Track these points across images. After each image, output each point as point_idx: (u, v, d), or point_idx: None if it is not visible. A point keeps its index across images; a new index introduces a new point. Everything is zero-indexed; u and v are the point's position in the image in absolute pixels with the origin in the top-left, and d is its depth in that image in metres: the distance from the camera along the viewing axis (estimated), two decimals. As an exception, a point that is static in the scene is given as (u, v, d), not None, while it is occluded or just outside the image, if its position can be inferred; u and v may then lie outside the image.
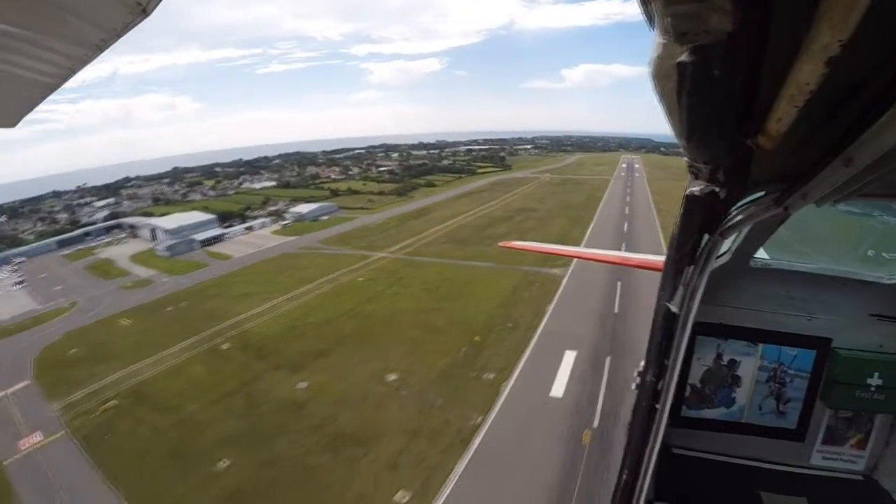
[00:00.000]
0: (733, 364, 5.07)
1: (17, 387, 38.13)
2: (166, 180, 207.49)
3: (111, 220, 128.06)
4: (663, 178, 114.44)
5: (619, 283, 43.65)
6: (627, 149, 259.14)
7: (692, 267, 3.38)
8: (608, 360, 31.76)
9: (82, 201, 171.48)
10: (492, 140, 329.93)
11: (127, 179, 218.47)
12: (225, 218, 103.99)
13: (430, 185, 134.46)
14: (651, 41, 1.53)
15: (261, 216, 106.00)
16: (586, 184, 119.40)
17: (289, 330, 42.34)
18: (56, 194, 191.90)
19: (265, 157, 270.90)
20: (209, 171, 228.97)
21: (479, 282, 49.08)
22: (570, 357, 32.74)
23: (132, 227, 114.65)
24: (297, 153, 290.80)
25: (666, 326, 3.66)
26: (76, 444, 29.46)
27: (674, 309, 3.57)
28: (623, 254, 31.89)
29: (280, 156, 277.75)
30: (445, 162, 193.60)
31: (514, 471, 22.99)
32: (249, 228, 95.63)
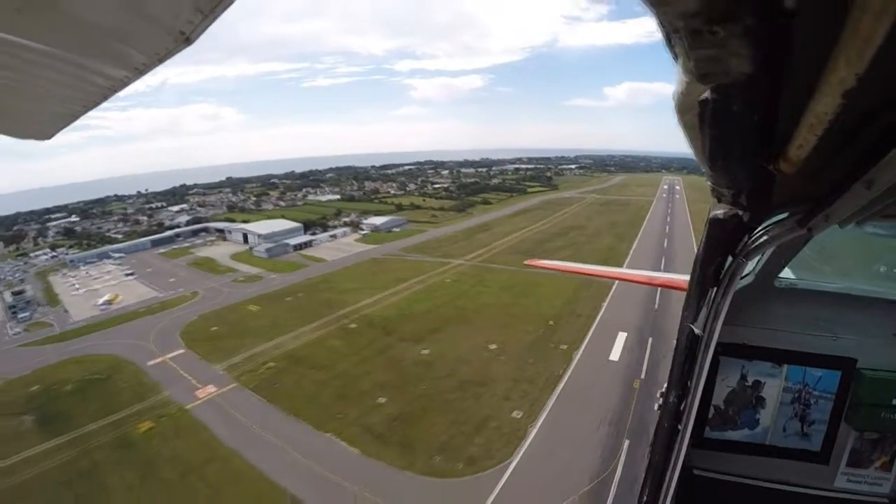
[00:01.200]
0: (757, 385, 4.96)
1: (175, 353, 50.49)
2: (227, 189, 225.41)
3: (194, 224, 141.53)
4: (702, 200, 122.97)
5: (658, 287, 54.67)
6: (669, 169, 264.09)
7: (716, 288, 3.43)
8: (650, 339, 42.98)
9: (155, 205, 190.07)
10: (536, 159, 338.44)
11: (185, 186, 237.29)
12: (307, 226, 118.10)
13: (486, 202, 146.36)
14: (676, 76, 1.65)
15: (338, 226, 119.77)
16: (630, 204, 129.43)
17: (401, 315, 54.71)
18: (119, 198, 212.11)
19: (317, 171, 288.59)
20: (266, 182, 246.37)
21: (546, 284, 60.27)
22: (622, 336, 44.15)
23: (219, 230, 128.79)
24: (349, 167, 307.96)
25: (689, 347, 3.75)
26: (249, 392, 41.38)
27: (697, 330, 3.65)
28: (650, 273, 32.67)
29: (331, 169, 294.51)
30: (495, 181, 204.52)
31: (589, 402, 34.55)
32: (333, 236, 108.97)
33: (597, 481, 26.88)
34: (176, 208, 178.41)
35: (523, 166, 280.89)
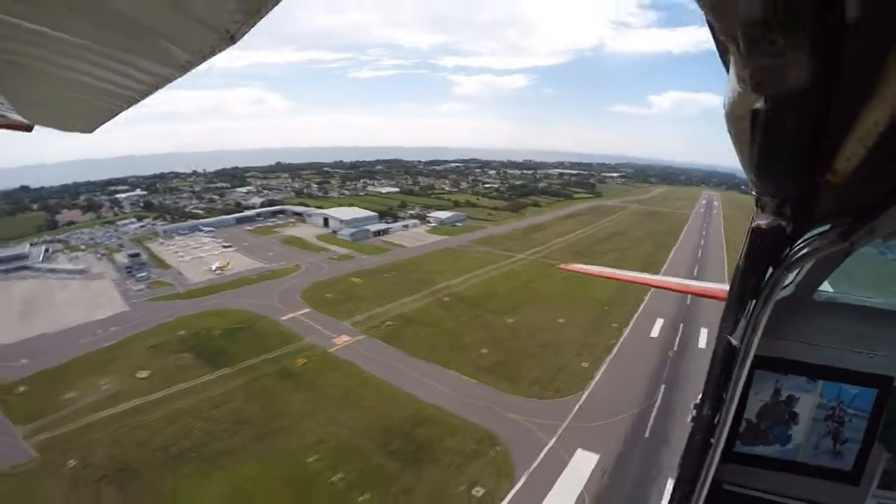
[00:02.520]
0: (791, 400, 4.86)
1: (302, 312, 64.44)
2: (285, 175, 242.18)
3: (268, 206, 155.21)
4: (737, 217, 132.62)
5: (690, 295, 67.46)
6: (709, 184, 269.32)
7: (755, 300, 3.38)
8: (681, 325, 56.01)
9: (218, 185, 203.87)
10: (578, 164, 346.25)
11: (237, 168, 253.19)
12: (380, 215, 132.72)
13: (536, 205, 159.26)
14: (728, 85, 1.66)
15: (407, 217, 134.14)
16: (670, 217, 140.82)
17: (484, 294, 68.83)
18: (177, 175, 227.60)
19: (365, 161, 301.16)
20: (319, 170, 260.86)
21: (599, 279, 73.70)
22: (659, 321, 57.31)
23: (297, 214, 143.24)
24: (396, 160, 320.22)
25: (725, 359, 3.70)
26: (378, 341, 55.49)
27: (734, 342, 3.59)
28: (684, 281, 32.65)
29: (380, 161, 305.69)
30: (542, 184, 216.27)
31: (635, 362, 48.03)
32: (406, 226, 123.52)
33: (641, 407, 40.44)
34: (243, 190, 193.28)
35: (566, 171, 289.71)
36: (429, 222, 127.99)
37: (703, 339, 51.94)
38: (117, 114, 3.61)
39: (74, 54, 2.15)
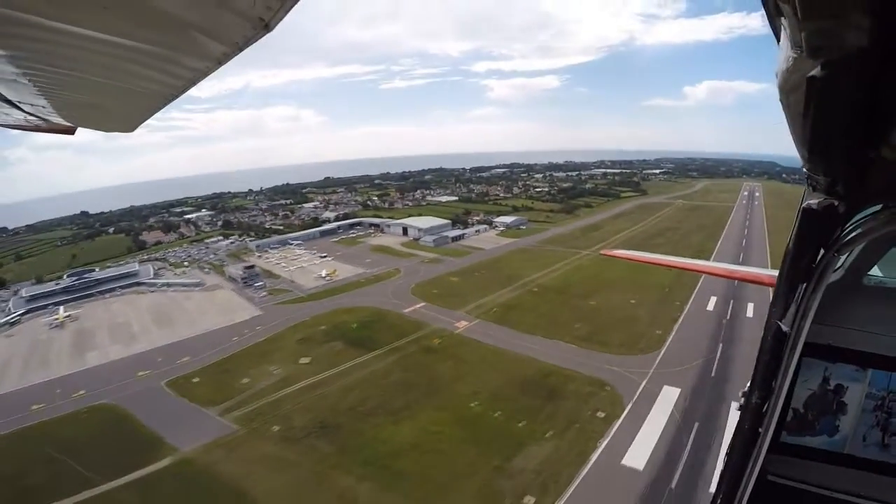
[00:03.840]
0: (839, 390, 4.67)
1: (418, 305, 79.55)
2: (342, 188, 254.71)
3: (343, 219, 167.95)
4: (778, 206, 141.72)
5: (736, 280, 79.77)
6: (750, 174, 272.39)
7: (805, 284, 3.25)
8: (731, 301, 68.75)
9: (279, 202, 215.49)
10: (619, 163, 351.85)
11: (287, 185, 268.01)
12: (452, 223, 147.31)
13: (588, 205, 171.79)
14: (778, 54, 1.63)
15: (474, 223, 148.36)
16: (714, 210, 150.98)
17: (564, 284, 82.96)
18: (233, 195, 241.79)
19: (411, 172, 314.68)
20: (371, 183, 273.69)
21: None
22: (713, 298, 70.24)
23: (374, 225, 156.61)
24: (440, 168, 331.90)
25: (775, 346, 3.60)
26: (491, 323, 70.31)
27: (785, 328, 3.49)
28: (727, 266, 31.92)
29: (427, 171, 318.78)
30: (588, 185, 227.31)
31: (697, 328, 61.42)
32: (478, 231, 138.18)
33: (706, 358, 53.82)
34: (310, 205, 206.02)
35: (609, 171, 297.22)
36: (496, 227, 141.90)
37: (751, 310, 64.45)
38: (156, 111, 3.62)
39: (112, 53, 2.18)
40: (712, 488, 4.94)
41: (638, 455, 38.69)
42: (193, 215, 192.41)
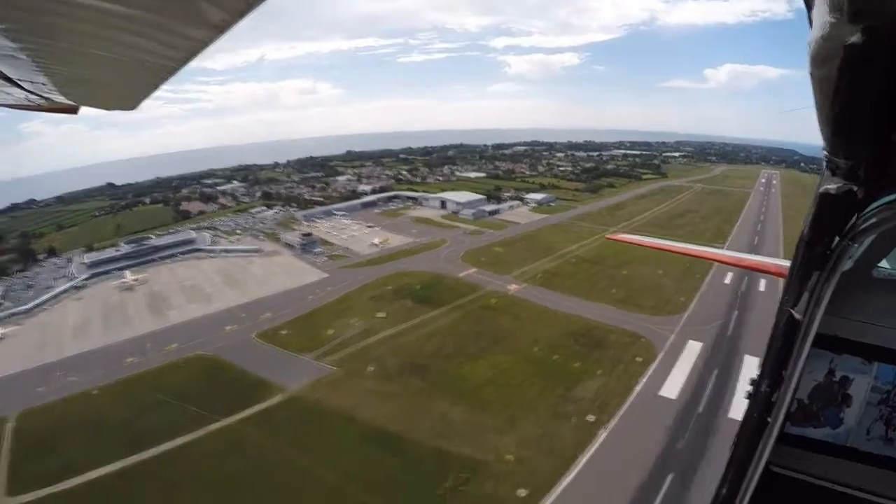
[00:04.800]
0: (845, 382, 4.67)
1: (470, 271, 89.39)
2: (369, 162, 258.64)
3: (380, 192, 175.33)
4: (794, 195, 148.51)
5: (747, 269, 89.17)
6: (768, 162, 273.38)
7: (819, 272, 3.19)
8: (746, 276, 78.57)
9: (309, 174, 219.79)
10: (638, 144, 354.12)
11: (311, 158, 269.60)
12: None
13: (611, 186, 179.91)
14: (814, 21, 1.52)
15: (507, 199, 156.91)
16: (732, 195, 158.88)
17: (598, 256, 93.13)
18: (260, 167, 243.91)
19: (435, 147, 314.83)
20: (396, 157, 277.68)
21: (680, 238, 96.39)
22: (730, 274, 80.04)
23: (411, 198, 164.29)
24: (461, 144, 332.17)
25: (787, 334, 3.58)
26: (538, 287, 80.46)
27: (797, 316, 3.44)
28: (736, 254, 30.05)
29: (449, 146, 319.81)
30: (609, 166, 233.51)
31: (716, 296, 71.79)
32: (511, 207, 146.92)
33: (723, 320, 64.04)
34: (342, 178, 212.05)
35: (629, 152, 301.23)
36: (528, 203, 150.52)
37: (763, 286, 74.03)
38: (158, 86, 3.53)
39: (111, 24, 2.13)
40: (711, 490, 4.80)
41: (671, 388, 49.42)
42: (227, 186, 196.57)
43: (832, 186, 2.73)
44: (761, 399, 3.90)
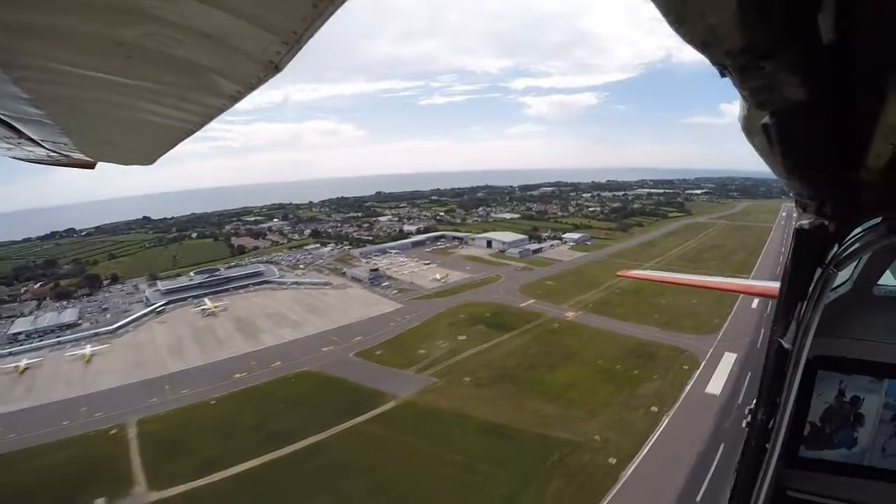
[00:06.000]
0: (856, 401, 4.68)
1: (529, 302, 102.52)
2: (404, 204, 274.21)
3: (425, 232, 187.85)
4: None
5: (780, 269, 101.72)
6: (789, 195, 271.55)
7: (804, 302, 3.32)
8: (771, 301, 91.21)
9: (348, 214, 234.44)
10: (661, 182, 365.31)
11: (342, 198, 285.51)
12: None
13: (640, 224, 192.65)
14: (739, 101, 1.66)
15: (546, 238, 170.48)
16: (755, 229, 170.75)
17: (638, 287, 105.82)
18: (297, 206, 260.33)
19: (464, 188, 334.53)
20: (428, 199, 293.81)
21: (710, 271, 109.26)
22: (756, 300, 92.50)
23: (457, 238, 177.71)
24: (488, 186, 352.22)
25: (778, 363, 3.71)
26: (592, 314, 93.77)
27: (786, 345, 3.57)
28: (744, 282, 31.36)
29: (478, 188, 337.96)
30: (636, 205, 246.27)
31: (745, 320, 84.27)
32: (552, 245, 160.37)
33: (752, 337, 76.53)
34: (384, 218, 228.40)
35: (653, 191, 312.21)
36: (566, 242, 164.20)
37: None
38: (174, 145, 3.65)
39: (134, 94, 2.29)
40: None
41: (714, 387, 62.31)
42: (270, 224, 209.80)
43: (805, 222, 2.99)
44: (759, 426, 4.01)
